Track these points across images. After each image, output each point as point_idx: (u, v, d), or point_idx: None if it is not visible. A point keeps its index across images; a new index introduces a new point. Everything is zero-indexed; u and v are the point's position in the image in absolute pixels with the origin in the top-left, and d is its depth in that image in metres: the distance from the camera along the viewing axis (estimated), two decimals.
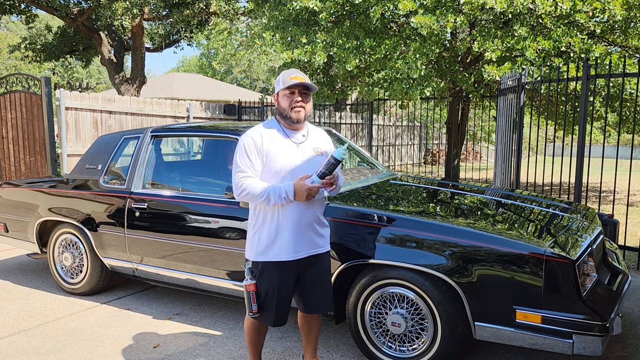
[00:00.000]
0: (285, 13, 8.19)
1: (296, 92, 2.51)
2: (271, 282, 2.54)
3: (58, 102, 8.17)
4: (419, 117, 18.08)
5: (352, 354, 3.22)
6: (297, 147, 2.56)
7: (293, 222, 2.51)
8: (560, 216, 3.37)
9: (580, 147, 4.99)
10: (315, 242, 2.60)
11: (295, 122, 2.54)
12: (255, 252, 2.56)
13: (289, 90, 2.51)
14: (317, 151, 2.60)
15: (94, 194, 4.12)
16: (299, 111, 2.52)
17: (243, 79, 40.87)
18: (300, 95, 2.52)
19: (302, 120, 2.55)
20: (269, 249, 2.53)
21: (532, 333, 2.57)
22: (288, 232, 2.51)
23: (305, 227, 2.55)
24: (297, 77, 2.50)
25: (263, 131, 2.56)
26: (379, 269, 2.92)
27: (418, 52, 7.04)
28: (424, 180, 4.38)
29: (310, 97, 2.60)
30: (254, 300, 2.54)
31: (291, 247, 2.52)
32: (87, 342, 3.42)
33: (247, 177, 2.48)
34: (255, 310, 2.55)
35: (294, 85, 2.49)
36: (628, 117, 8.84)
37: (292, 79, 2.48)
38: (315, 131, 2.71)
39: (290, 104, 2.51)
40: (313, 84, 2.54)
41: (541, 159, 19.92)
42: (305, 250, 2.56)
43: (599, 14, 6.79)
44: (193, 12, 13.03)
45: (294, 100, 2.50)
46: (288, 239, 2.51)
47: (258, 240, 2.55)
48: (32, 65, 26.92)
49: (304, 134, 2.62)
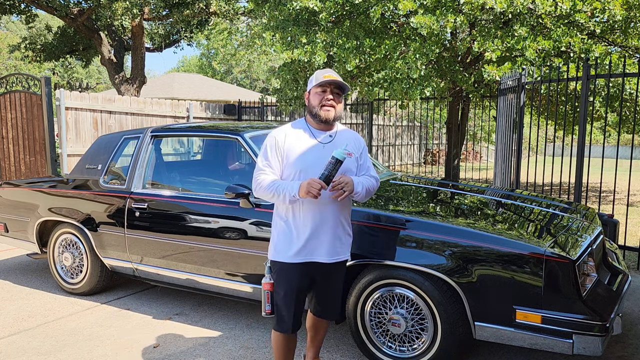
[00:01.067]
0: (285, 13, 8.19)
1: (328, 90, 2.46)
2: (289, 284, 2.49)
3: (58, 102, 8.17)
4: (419, 117, 18.08)
5: (352, 354, 3.22)
6: (322, 147, 2.49)
7: (312, 225, 2.45)
8: (560, 216, 3.37)
9: (580, 147, 4.99)
10: (334, 249, 2.52)
11: (323, 121, 2.47)
12: (274, 251, 2.53)
13: (320, 88, 2.46)
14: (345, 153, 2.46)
15: (94, 194, 4.12)
16: (328, 110, 2.46)
17: (243, 79, 40.87)
18: (332, 94, 2.46)
19: (331, 119, 2.48)
20: (287, 250, 2.48)
21: (532, 333, 2.57)
22: (306, 235, 2.46)
23: (325, 231, 2.48)
24: (331, 75, 2.45)
25: (289, 130, 2.52)
26: (379, 269, 2.92)
27: (418, 52, 7.03)
28: (424, 180, 4.38)
29: (342, 99, 2.54)
30: (267, 300, 2.51)
31: (308, 250, 2.47)
32: (87, 342, 3.42)
33: (263, 172, 2.48)
34: (268, 310, 2.52)
35: (327, 82, 2.43)
36: (628, 117, 8.84)
37: (326, 77, 2.44)
38: (345, 132, 2.62)
39: (321, 102, 2.45)
40: (347, 84, 2.49)
41: (541, 159, 19.92)
42: (323, 256, 2.50)
43: (599, 14, 6.79)
44: (193, 12, 13.02)
45: (325, 98, 2.45)
46: (305, 242, 2.46)
47: (277, 239, 2.52)
48: (32, 65, 26.91)
49: (331, 135, 2.54)
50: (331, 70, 2.51)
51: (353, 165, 2.55)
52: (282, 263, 2.49)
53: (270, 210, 3.24)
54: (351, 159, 2.52)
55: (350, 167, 2.52)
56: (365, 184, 2.51)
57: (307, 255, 2.47)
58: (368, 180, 2.56)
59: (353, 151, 2.55)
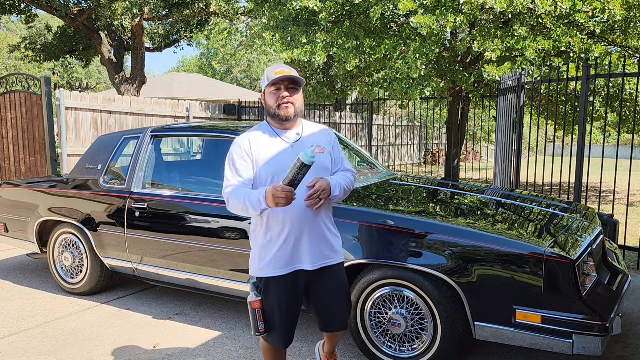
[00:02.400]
0: (285, 13, 8.19)
1: (282, 87, 2.29)
2: (278, 300, 2.29)
3: (58, 102, 8.17)
4: (419, 117, 18.08)
5: (352, 354, 3.22)
6: (291, 147, 2.32)
7: (289, 232, 2.26)
8: (560, 216, 3.37)
9: (580, 147, 4.99)
10: (319, 254, 2.33)
11: (284, 120, 2.30)
12: (257, 267, 2.33)
13: (274, 86, 2.29)
14: (317, 149, 2.32)
15: (94, 194, 4.12)
16: (287, 107, 2.28)
17: (243, 79, 40.88)
18: (287, 90, 2.29)
19: (291, 117, 2.30)
20: (269, 263, 2.29)
21: (532, 333, 2.57)
22: (285, 244, 2.27)
23: (304, 237, 2.29)
24: (282, 71, 2.26)
25: (251, 135, 2.35)
26: (379, 269, 2.92)
27: (418, 52, 7.04)
28: (424, 180, 4.38)
29: (300, 92, 2.36)
30: (260, 319, 2.31)
31: (291, 259, 2.29)
32: (87, 342, 3.42)
33: (230, 185, 2.28)
34: (262, 329, 2.31)
35: (279, 79, 2.27)
36: (628, 117, 8.84)
37: (277, 73, 2.26)
38: (312, 127, 2.45)
39: (277, 101, 2.28)
40: (300, 77, 2.30)
41: (541, 159, 19.92)
42: (307, 263, 2.31)
43: (599, 14, 6.80)
44: (193, 12, 13.02)
45: (280, 97, 2.28)
46: (285, 251, 2.28)
47: (258, 254, 2.33)
48: (32, 65, 26.92)
49: (297, 132, 2.37)
50: (283, 65, 2.34)
51: (327, 161, 2.38)
52: (267, 278, 2.30)
53: None
54: (324, 154, 2.36)
55: (325, 163, 2.36)
56: (343, 184, 2.33)
57: (290, 266, 2.29)
58: (345, 179, 2.37)
59: (325, 146, 2.39)
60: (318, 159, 2.28)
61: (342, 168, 2.47)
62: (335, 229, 2.45)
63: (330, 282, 2.38)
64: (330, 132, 2.53)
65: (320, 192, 2.19)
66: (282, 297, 2.30)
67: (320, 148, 2.35)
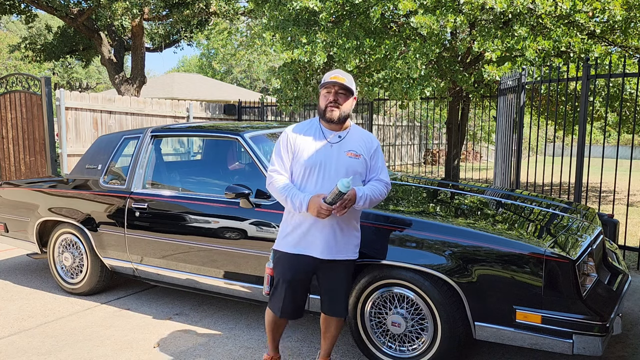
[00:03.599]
0: (285, 13, 8.19)
1: (332, 91, 2.52)
2: (283, 273, 2.61)
3: (58, 102, 8.17)
4: (419, 117, 18.08)
5: (352, 354, 3.22)
6: (330, 146, 2.56)
7: (310, 221, 2.53)
8: (560, 216, 3.37)
9: (580, 147, 4.99)
10: (330, 247, 2.57)
11: (329, 121, 2.56)
12: (277, 240, 2.67)
13: (325, 89, 2.54)
14: (352, 154, 2.57)
15: (94, 194, 4.12)
16: (332, 111, 2.53)
17: (243, 79, 40.86)
18: (336, 95, 2.52)
19: (335, 119, 2.54)
20: (286, 240, 2.60)
21: (532, 333, 2.58)
22: (302, 229, 2.56)
23: (320, 229, 2.54)
24: (337, 77, 2.51)
25: (301, 127, 2.63)
26: (379, 269, 2.92)
27: (418, 52, 7.03)
28: (424, 180, 4.38)
29: (350, 99, 2.57)
30: (267, 282, 2.68)
31: (303, 244, 2.56)
32: (87, 342, 3.42)
33: (276, 172, 2.59)
34: (267, 292, 2.70)
35: (330, 83, 2.51)
36: (628, 117, 8.84)
37: (332, 78, 2.51)
38: (357, 134, 2.66)
39: (325, 103, 2.54)
40: (351, 87, 2.54)
41: (541, 159, 19.91)
42: (317, 252, 2.57)
43: (599, 14, 6.79)
44: (193, 12, 13.02)
45: (328, 99, 2.53)
46: (301, 236, 2.56)
47: (282, 228, 2.65)
48: (32, 65, 26.89)
49: (340, 135, 2.60)
50: (340, 71, 2.55)
51: (360, 167, 2.59)
52: (280, 252, 2.63)
53: (270, 211, 3.27)
54: (359, 160, 2.58)
55: (357, 168, 2.57)
56: (370, 194, 2.53)
57: (301, 249, 2.57)
58: (374, 189, 2.57)
59: (362, 152, 2.59)
60: (350, 164, 2.55)
61: (376, 177, 2.66)
62: (357, 230, 2.68)
63: (336, 274, 2.63)
64: (373, 140, 2.71)
65: (346, 201, 2.43)
66: (287, 271, 2.60)
67: (356, 154, 2.58)
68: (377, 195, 2.57)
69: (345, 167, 2.54)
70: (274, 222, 3.23)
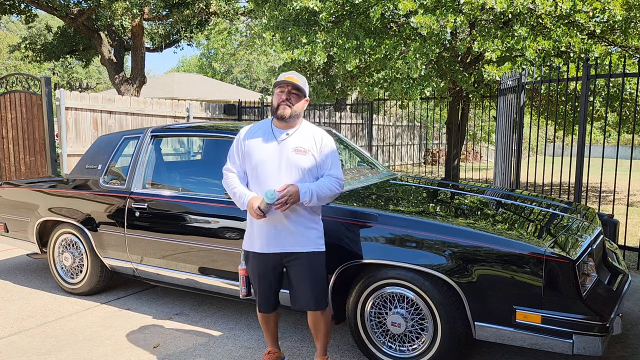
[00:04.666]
0: (285, 13, 8.19)
1: (286, 90, 2.63)
2: (251, 270, 2.79)
3: (58, 102, 8.17)
4: (419, 117, 18.08)
5: (352, 354, 3.22)
6: (277, 144, 2.66)
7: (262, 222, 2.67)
8: (560, 216, 3.37)
9: (580, 147, 4.99)
10: (288, 241, 2.67)
11: (280, 118, 2.64)
12: (244, 241, 2.82)
13: (279, 88, 2.64)
14: (299, 150, 2.64)
15: (94, 194, 4.12)
16: (284, 108, 2.62)
17: (243, 79, 40.86)
18: (289, 95, 2.63)
19: (286, 117, 2.63)
20: (248, 240, 2.77)
21: (532, 333, 2.57)
22: (258, 227, 2.70)
23: (274, 225, 2.66)
24: (291, 77, 2.62)
25: (251, 128, 2.77)
26: (379, 269, 2.92)
27: (418, 52, 7.03)
28: (424, 180, 4.38)
29: (302, 100, 2.67)
30: (243, 284, 2.82)
31: (260, 241, 2.70)
32: (87, 342, 3.42)
33: (228, 169, 2.78)
34: (244, 293, 2.83)
35: (283, 83, 2.61)
36: (628, 117, 8.84)
37: (286, 78, 2.62)
38: (306, 131, 2.73)
39: (278, 101, 2.63)
40: (303, 88, 2.66)
41: (541, 159, 19.92)
42: (275, 247, 2.68)
43: (599, 14, 6.79)
44: (193, 12, 13.01)
45: (281, 98, 2.63)
46: (258, 234, 2.70)
47: (246, 231, 2.81)
48: (32, 65, 26.90)
49: (288, 132, 2.68)
50: (294, 72, 2.67)
51: (306, 163, 2.65)
52: (246, 251, 2.80)
53: None
54: (306, 156, 2.65)
55: (301, 164, 2.64)
56: (315, 189, 2.59)
57: (260, 247, 2.71)
58: (321, 184, 2.63)
59: (309, 148, 2.67)
60: (295, 160, 2.64)
61: (327, 173, 2.71)
62: (313, 222, 2.73)
63: (300, 266, 2.71)
64: (325, 137, 2.75)
65: (287, 197, 2.52)
66: (255, 268, 2.76)
67: (303, 150, 2.65)
68: (325, 191, 2.62)
69: (291, 163, 2.62)
70: None
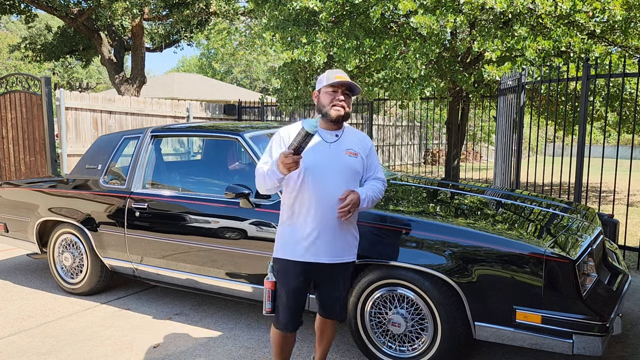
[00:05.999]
0: (285, 13, 8.19)
1: (339, 90, 2.48)
2: (286, 283, 2.51)
3: (58, 102, 8.17)
4: (419, 117, 18.07)
5: (352, 354, 3.22)
6: (329, 146, 2.50)
7: (314, 225, 2.46)
8: (560, 216, 3.37)
9: (580, 147, 4.99)
10: (336, 250, 2.51)
11: (333, 120, 2.48)
12: (278, 249, 2.54)
13: (332, 87, 2.48)
14: (351, 153, 2.52)
15: (94, 194, 4.12)
16: (338, 110, 2.47)
17: (243, 79, 40.85)
18: (343, 95, 2.49)
19: (339, 119, 2.49)
20: (289, 248, 2.50)
21: (532, 333, 2.57)
22: (308, 235, 2.46)
23: (326, 232, 2.47)
24: (342, 77, 2.48)
25: (293, 129, 2.54)
26: (379, 268, 2.92)
27: (418, 52, 7.03)
28: (424, 180, 4.38)
29: (351, 100, 2.56)
30: (268, 298, 2.54)
31: (310, 250, 2.47)
32: (87, 342, 3.42)
33: (260, 167, 2.50)
34: (268, 309, 2.54)
35: (339, 83, 2.46)
36: (628, 117, 8.84)
37: (338, 77, 2.47)
38: (352, 133, 2.63)
39: (332, 101, 2.47)
40: (358, 87, 2.52)
41: (541, 159, 19.91)
42: (328, 256, 2.49)
43: (599, 14, 6.79)
44: (193, 12, 13.02)
45: (336, 98, 2.47)
46: (307, 242, 2.47)
47: (281, 235, 2.55)
48: (32, 65, 26.91)
49: (337, 134, 2.54)
50: (342, 72, 2.53)
51: (359, 165, 2.55)
52: (284, 261, 2.51)
53: (270, 211, 3.27)
54: (357, 159, 2.53)
55: (356, 167, 2.53)
56: (371, 195, 2.51)
57: (308, 255, 2.47)
58: (374, 188, 2.55)
59: (359, 151, 2.56)
60: (348, 163, 2.50)
61: (373, 175, 2.63)
62: (357, 231, 2.63)
63: (339, 277, 2.57)
64: (368, 139, 2.68)
65: (350, 205, 2.39)
66: (291, 281, 2.50)
67: (355, 152, 2.54)
68: (377, 195, 2.56)
69: (345, 166, 2.49)
70: (274, 222, 3.23)
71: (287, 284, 2.51)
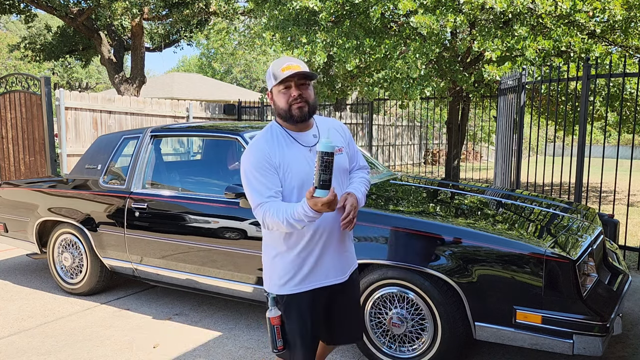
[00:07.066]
0: (285, 13, 8.19)
1: (292, 85, 1.98)
2: (300, 317, 2.08)
3: (58, 102, 8.16)
4: (419, 117, 18.07)
5: (352, 354, 3.21)
6: (309, 151, 2.05)
7: (320, 245, 2.05)
8: (561, 216, 3.37)
9: (580, 147, 4.99)
10: (346, 263, 2.16)
11: (299, 121, 2.01)
12: (279, 284, 2.08)
13: (283, 85, 1.99)
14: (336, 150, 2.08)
15: (93, 194, 4.12)
16: (300, 107, 1.99)
17: (243, 79, 40.85)
18: (298, 88, 1.99)
19: (306, 117, 2.02)
20: (293, 280, 2.06)
21: (532, 333, 2.57)
22: (314, 258, 2.06)
23: (333, 249, 2.09)
24: (290, 66, 1.97)
25: (265, 140, 2.04)
26: (379, 269, 2.92)
27: (418, 51, 7.03)
28: (424, 180, 4.38)
29: (311, 87, 2.06)
30: (278, 336, 2.10)
31: (319, 273, 2.07)
32: (87, 342, 3.42)
33: (262, 203, 1.96)
34: (280, 347, 2.11)
35: (289, 77, 1.96)
36: (628, 117, 8.83)
37: (285, 69, 1.96)
38: (325, 125, 2.17)
39: (289, 101, 1.99)
40: (311, 71, 2.02)
41: (541, 159, 19.91)
42: (337, 275, 2.12)
43: (599, 14, 6.79)
44: (193, 11, 13.02)
45: (291, 96, 1.99)
46: (314, 266, 2.06)
47: (278, 270, 2.07)
48: (31, 65, 26.92)
49: (314, 134, 2.10)
50: (289, 58, 2.03)
51: (346, 162, 2.16)
52: (290, 295, 2.07)
53: None
54: (342, 155, 2.12)
55: (345, 165, 2.14)
56: (364, 191, 2.15)
57: (318, 280, 2.08)
58: (363, 181, 2.19)
59: (342, 145, 2.15)
60: (338, 162, 2.06)
61: (357, 165, 2.27)
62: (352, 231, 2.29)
63: (351, 291, 2.23)
64: (343, 126, 2.28)
65: (352, 212, 1.98)
66: (306, 315, 2.08)
67: (338, 149, 2.11)
68: (368, 187, 2.21)
69: (336, 168, 2.01)
70: None
71: (302, 319, 2.08)
